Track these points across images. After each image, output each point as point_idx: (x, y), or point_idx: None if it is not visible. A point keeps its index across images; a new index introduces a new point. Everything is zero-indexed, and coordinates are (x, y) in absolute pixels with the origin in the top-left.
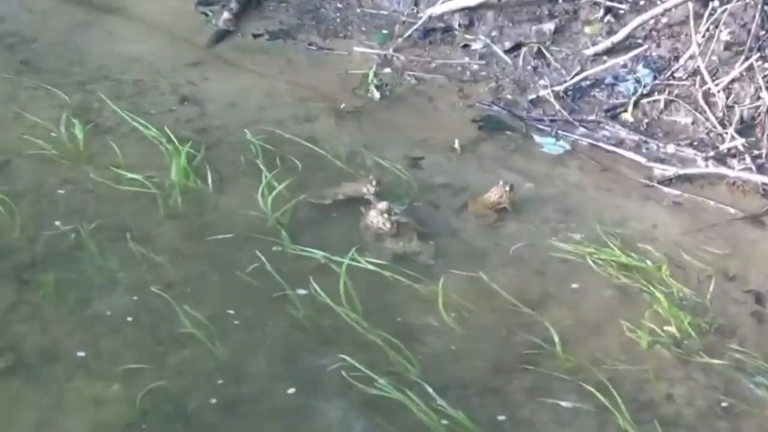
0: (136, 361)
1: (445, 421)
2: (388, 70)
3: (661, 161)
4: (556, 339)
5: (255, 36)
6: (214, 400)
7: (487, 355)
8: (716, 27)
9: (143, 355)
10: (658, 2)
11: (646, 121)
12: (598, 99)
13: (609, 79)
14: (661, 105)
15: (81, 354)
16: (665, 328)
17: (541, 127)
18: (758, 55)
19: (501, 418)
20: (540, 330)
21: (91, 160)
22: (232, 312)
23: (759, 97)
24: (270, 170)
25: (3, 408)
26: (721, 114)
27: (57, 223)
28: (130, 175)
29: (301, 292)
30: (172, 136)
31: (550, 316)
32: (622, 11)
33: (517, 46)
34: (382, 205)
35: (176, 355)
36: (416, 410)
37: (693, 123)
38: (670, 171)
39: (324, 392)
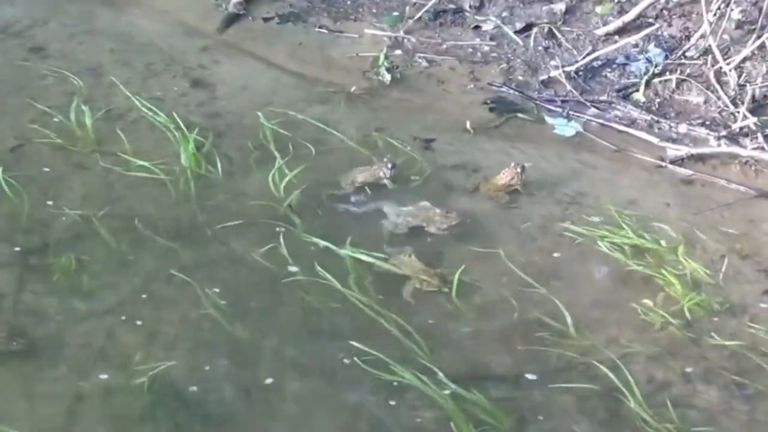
0: (146, 344)
1: (461, 404)
2: (398, 52)
3: (673, 141)
4: (569, 320)
5: (265, 20)
6: (227, 383)
7: (500, 336)
8: (727, 5)
9: (154, 339)
10: None
11: (657, 100)
12: (610, 79)
13: (620, 59)
14: (673, 84)
15: (94, 339)
16: (677, 308)
17: (552, 108)
18: None
19: (516, 399)
20: (553, 311)
21: (101, 146)
22: (244, 295)
23: None
24: (281, 155)
25: (16, 393)
26: (732, 93)
27: (67, 209)
28: (139, 162)
29: (293, 269)
30: (181, 124)
31: (563, 298)
32: None
33: (528, 27)
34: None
35: (190, 337)
36: (431, 393)
37: (705, 102)
38: (683, 151)
39: (336, 378)
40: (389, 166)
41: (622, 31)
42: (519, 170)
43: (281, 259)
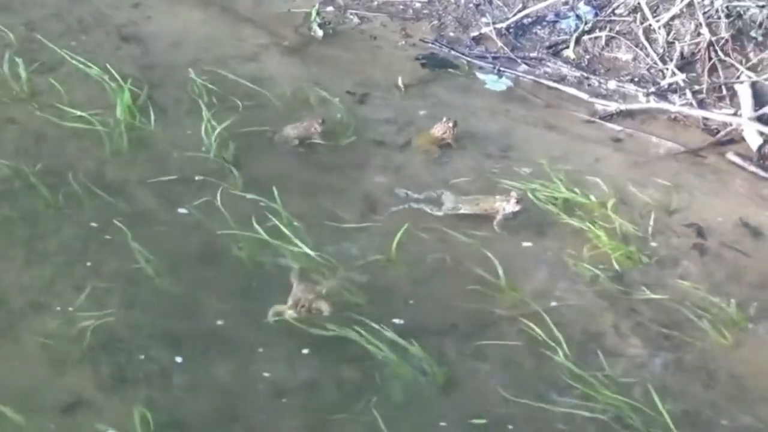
0: (81, 295)
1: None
2: (330, 8)
3: (603, 97)
4: (501, 272)
5: None
6: (161, 336)
7: (434, 291)
8: None
9: (91, 290)
10: None
11: (587, 57)
12: (540, 36)
13: (551, 16)
14: (603, 42)
15: (31, 291)
16: (607, 261)
17: (483, 64)
18: None
19: (447, 352)
20: (485, 265)
21: (35, 98)
22: (177, 249)
23: (699, 34)
24: (213, 109)
25: None
26: (661, 50)
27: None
28: (76, 112)
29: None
30: (116, 75)
31: (494, 251)
32: None
33: None
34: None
35: (124, 291)
36: (366, 343)
37: (634, 59)
38: (612, 106)
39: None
40: (320, 121)
41: None
42: (451, 125)
43: (216, 211)
